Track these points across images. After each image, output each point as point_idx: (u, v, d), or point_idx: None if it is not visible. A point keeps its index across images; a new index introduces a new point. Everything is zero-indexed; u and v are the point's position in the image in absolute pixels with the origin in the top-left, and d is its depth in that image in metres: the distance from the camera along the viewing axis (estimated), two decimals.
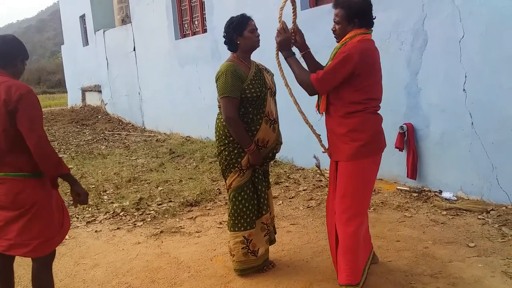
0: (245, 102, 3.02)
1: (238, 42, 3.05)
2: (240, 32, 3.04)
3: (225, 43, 3.15)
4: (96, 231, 4.40)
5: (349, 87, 2.63)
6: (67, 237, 4.25)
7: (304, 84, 2.71)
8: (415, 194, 4.73)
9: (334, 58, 2.63)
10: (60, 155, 8.23)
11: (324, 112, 2.81)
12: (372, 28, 2.72)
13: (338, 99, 2.69)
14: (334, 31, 2.77)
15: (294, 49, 2.94)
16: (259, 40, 3.10)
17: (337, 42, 2.75)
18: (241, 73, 3.01)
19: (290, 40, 2.87)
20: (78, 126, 12.41)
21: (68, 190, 5.77)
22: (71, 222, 4.59)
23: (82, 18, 15.46)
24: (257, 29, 3.09)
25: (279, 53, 2.89)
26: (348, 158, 2.69)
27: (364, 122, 2.67)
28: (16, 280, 3.40)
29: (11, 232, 2.47)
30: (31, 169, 2.48)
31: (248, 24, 3.04)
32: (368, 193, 2.81)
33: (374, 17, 2.72)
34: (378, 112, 2.78)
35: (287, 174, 5.95)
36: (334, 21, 2.74)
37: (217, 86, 3.05)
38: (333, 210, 2.83)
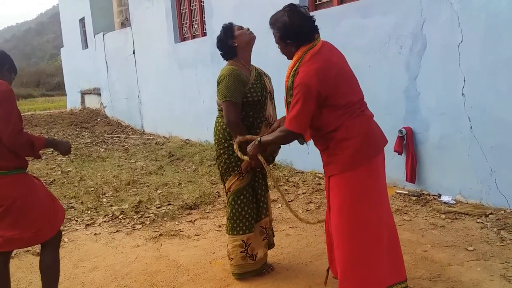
0: (246, 106, 3.03)
1: (235, 44, 3.08)
2: (231, 35, 3.09)
3: (223, 55, 3.18)
4: (95, 234, 4.39)
5: (325, 109, 2.49)
6: (66, 239, 4.25)
7: (285, 138, 2.59)
8: (414, 198, 4.73)
9: (293, 96, 2.47)
10: (59, 158, 8.26)
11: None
12: (316, 38, 2.54)
13: (318, 122, 2.54)
14: (280, 50, 2.66)
15: None
16: (251, 32, 3.13)
17: (288, 59, 2.62)
18: (243, 77, 3.02)
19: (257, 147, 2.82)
20: (77, 129, 12.41)
21: (67, 193, 5.77)
22: (70, 225, 4.64)
23: (82, 21, 15.49)
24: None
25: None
26: (341, 170, 2.50)
27: (350, 129, 2.48)
28: (15, 282, 3.40)
29: (1, 230, 2.57)
30: (7, 166, 2.58)
31: (233, 26, 3.13)
32: (371, 203, 2.53)
33: (314, 26, 2.54)
34: (364, 110, 2.59)
35: (286, 178, 5.95)
36: (275, 41, 2.63)
37: (218, 90, 3.05)
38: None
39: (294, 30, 2.49)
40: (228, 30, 3.11)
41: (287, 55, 2.62)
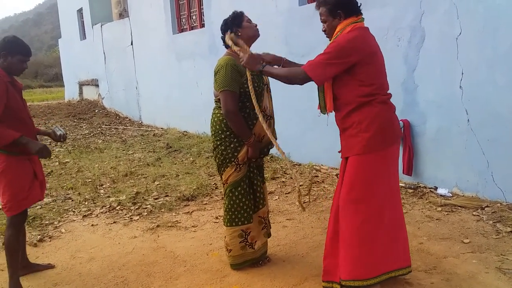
0: (243, 96, 3.02)
1: (239, 34, 3.05)
2: (239, 24, 3.06)
3: (224, 39, 3.13)
4: (92, 225, 4.40)
5: (352, 80, 2.56)
6: (63, 230, 4.26)
7: (294, 75, 2.61)
8: (411, 190, 4.75)
9: (325, 50, 2.54)
10: (57, 149, 8.26)
11: (332, 110, 2.73)
12: (361, 15, 2.65)
13: (343, 94, 2.61)
14: (324, 32, 2.72)
15: None
16: (258, 29, 3.11)
17: (330, 40, 2.68)
18: (240, 67, 3.01)
19: (254, 56, 2.86)
20: (75, 120, 12.38)
21: (65, 184, 5.76)
22: (67, 216, 4.64)
23: (80, 11, 15.40)
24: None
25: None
26: (358, 152, 2.58)
27: (372, 114, 2.57)
28: None
29: None
30: None
31: (243, 16, 3.10)
32: (379, 189, 2.62)
33: (359, 4, 2.65)
34: (389, 100, 2.69)
35: (284, 170, 5.96)
36: (321, 21, 2.69)
37: (215, 80, 3.04)
38: (337, 212, 2.70)
39: (346, 0, 2.61)
40: (238, 18, 3.08)
41: (331, 34, 2.68)
